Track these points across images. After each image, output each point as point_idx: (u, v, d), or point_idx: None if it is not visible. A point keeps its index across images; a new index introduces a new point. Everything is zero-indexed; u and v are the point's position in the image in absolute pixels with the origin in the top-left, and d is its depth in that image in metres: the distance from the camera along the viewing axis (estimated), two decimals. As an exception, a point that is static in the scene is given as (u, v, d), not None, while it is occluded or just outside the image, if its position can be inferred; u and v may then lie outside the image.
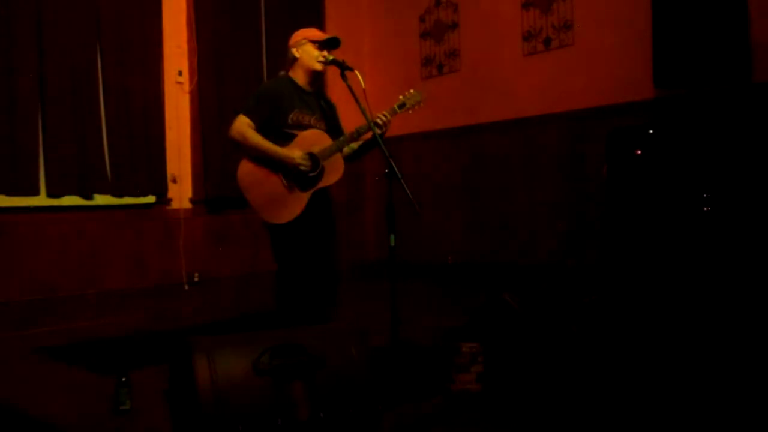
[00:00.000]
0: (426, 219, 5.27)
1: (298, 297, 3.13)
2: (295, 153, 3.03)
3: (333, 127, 3.28)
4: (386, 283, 2.93)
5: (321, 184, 3.09)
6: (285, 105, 3.12)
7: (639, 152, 4.09)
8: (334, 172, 3.11)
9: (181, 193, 5.29)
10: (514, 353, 2.84)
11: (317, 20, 6.25)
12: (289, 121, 3.11)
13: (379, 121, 3.05)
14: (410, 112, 3.19)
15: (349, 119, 3.45)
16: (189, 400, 1.89)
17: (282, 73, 3.29)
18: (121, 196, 4.96)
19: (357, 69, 3.04)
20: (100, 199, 4.87)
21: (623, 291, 3.97)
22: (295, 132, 3.11)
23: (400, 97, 3.19)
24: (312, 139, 3.11)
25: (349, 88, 3.03)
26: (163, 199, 5.23)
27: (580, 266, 4.86)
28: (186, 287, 5.19)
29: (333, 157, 3.10)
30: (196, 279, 5.25)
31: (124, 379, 2.60)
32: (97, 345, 3.92)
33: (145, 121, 5.08)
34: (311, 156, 3.06)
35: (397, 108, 3.15)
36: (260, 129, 3.08)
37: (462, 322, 2.97)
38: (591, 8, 5.02)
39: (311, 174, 3.06)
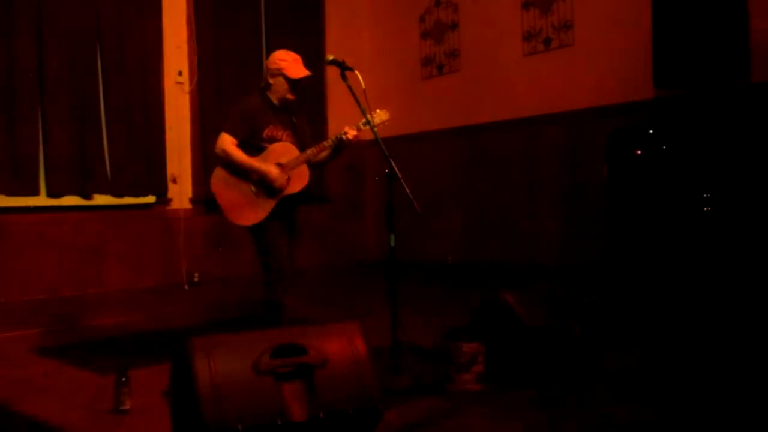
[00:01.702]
0: (426, 219, 5.27)
1: (279, 294, 3.37)
2: (273, 169, 3.31)
3: (304, 141, 3.50)
4: (386, 283, 2.93)
5: (286, 192, 3.35)
6: (260, 122, 3.40)
7: (639, 152, 4.09)
8: (298, 182, 3.37)
9: (181, 193, 5.29)
10: (514, 353, 2.84)
11: (317, 20, 6.26)
12: (264, 136, 3.39)
13: (345, 137, 3.34)
14: (375, 129, 3.34)
15: (350, 119, 3.48)
16: (189, 400, 1.89)
17: (262, 85, 3.52)
18: (121, 196, 4.96)
19: (357, 69, 3.04)
20: (100, 199, 4.87)
21: (623, 290, 3.98)
22: (267, 145, 3.38)
23: (368, 115, 3.33)
24: (280, 151, 3.37)
25: (349, 88, 3.04)
26: (163, 199, 5.23)
27: (580, 266, 4.86)
28: (186, 287, 5.19)
29: (299, 167, 3.36)
30: (196, 279, 5.25)
31: (124, 379, 2.60)
32: (97, 345, 3.93)
33: (145, 121, 5.08)
34: (278, 167, 3.32)
35: (361, 125, 3.33)
36: (240, 142, 3.40)
37: (462, 322, 2.97)
38: (591, 8, 5.02)
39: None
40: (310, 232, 6.10)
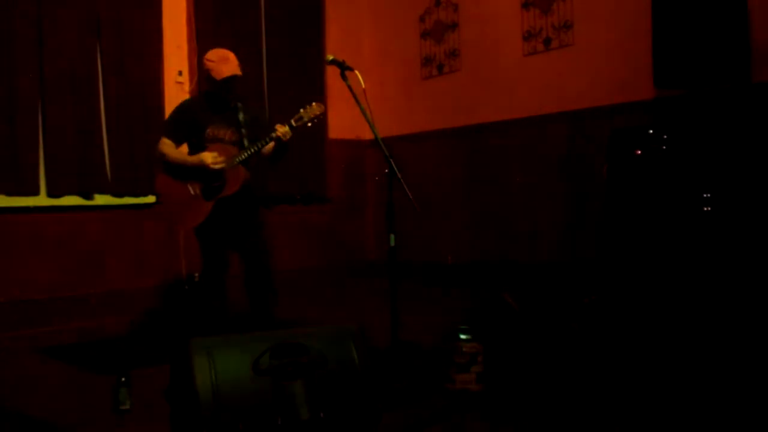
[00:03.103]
0: (426, 219, 5.26)
1: (215, 295, 3.54)
2: (203, 156, 3.34)
3: (256, 137, 3.48)
4: (386, 283, 2.93)
5: (222, 194, 3.37)
6: (200, 123, 3.45)
7: (639, 152, 4.09)
8: (234, 183, 3.38)
9: (181, 193, 5.29)
10: (514, 353, 2.84)
11: (317, 20, 6.26)
12: (206, 136, 3.44)
13: (274, 135, 3.33)
14: (309, 125, 3.41)
15: (350, 119, 3.48)
16: (189, 400, 1.89)
17: (205, 84, 3.62)
18: (121, 196, 4.96)
19: (357, 69, 3.04)
20: (100, 199, 4.87)
21: (623, 291, 3.98)
22: (209, 145, 3.44)
23: (301, 110, 3.39)
24: (216, 152, 3.39)
25: (349, 88, 3.04)
26: (163, 199, 5.23)
27: (580, 266, 4.86)
28: (186, 287, 5.19)
29: (233, 169, 3.39)
30: (196, 279, 5.25)
31: (124, 379, 2.60)
32: (97, 345, 3.93)
33: (145, 121, 5.08)
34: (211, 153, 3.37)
35: (293, 122, 3.36)
36: (182, 143, 3.50)
37: (462, 322, 2.97)
38: (591, 8, 5.02)
39: (214, 185, 3.38)
40: (310, 232, 6.11)
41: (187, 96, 5.37)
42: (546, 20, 5.30)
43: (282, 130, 3.33)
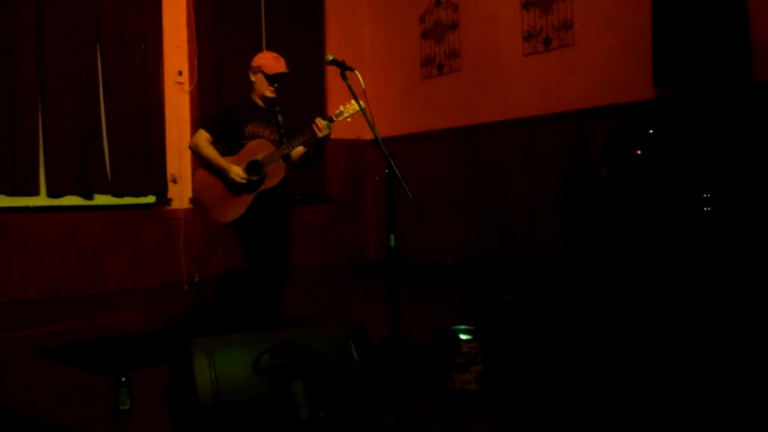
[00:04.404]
0: (426, 219, 5.26)
1: (264, 289, 3.55)
2: (233, 168, 3.46)
3: (290, 137, 3.58)
4: (386, 283, 2.93)
5: (263, 187, 3.49)
6: (241, 120, 3.58)
7: (639, 152, 4.09)
8: (274, 177, 3.50)
9: (181, 193, 5.29)
10: (514, 353, 2.84)
11: (317, 20, 6.26)
12: (246, 133, 3.56)
13: (317, 130, 3.40)
14: (348, 120, 3.49)
15: (350, 119, 3.49)
16: (189, 400, 1.89)
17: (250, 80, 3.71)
18: (121, 196, 4.96)
19: (357, 69, 3.05)
20: (100, 199, 4.87)
21: (623, 291, 3.98)
22: (247, 142, 3.55)
23: (341, 107, 3.46)
24: (256, 148, 3.52)
25: (349, 88, 3.04)
26: (163, 199, 5.23)
27: (580, 266, 4.86)
28: (186, 287, 5.19)
29: (275, 163, 3.50)
30: (196, 279, 5.25)
31: (124, 379, 2.60)
32: (97, 345, 3.93)
33: (145, 121, 5.08)
34: (254, 163, 3.48)
35: (334, 117, 3.45)
36: (221, 140, 3.57)
37: (461, 322, 2.97)
38: (591, 8, 5.02)
39: (254, 178, 3.47)
40: (310, 232, 6.11)
41: (186, 96, 5.38)
42: (546, 20, 5.30)
43: (321, 123, 3.41)
